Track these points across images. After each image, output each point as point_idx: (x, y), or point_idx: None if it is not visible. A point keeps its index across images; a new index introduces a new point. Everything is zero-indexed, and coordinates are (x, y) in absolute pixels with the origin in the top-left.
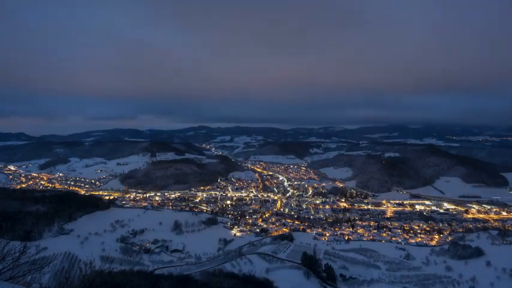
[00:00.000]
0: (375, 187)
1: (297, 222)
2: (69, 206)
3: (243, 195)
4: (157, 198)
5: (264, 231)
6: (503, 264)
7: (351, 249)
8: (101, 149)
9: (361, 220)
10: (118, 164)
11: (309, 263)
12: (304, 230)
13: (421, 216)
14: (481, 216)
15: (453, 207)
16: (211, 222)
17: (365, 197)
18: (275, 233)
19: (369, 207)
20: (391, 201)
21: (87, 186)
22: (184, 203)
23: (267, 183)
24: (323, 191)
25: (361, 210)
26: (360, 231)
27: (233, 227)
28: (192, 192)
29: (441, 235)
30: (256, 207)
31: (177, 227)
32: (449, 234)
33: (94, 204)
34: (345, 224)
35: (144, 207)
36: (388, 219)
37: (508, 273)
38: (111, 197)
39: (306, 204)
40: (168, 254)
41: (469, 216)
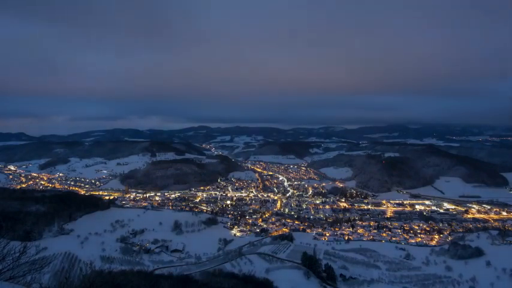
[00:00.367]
0: (375, 187)
1: (297, 222)
2: (69, 206)
3: (243, 195)
4: (157, 198)
5: (264, 231)
6: (503, 264)
7: (351, 249)
8: (101, 149)
9: (361, 220)
10: (118, 164)
11: (309, 263)
12: (304, 230)
13: (421, 216)
14: (481, 216)
15: (453, 207)
16: (211, 222)
17: (365, 197)
18: (275, 233)
19: (369, 207)
20: (391, 201)
21: (87, 186)
22: (184, 203)
23: (267, 183)
24: (323, 191)
25: (361, 210)
26: (360, 231)
27: (233, 227)
28: (192, 192)
29: (441, 235)
30: (256, 207)
31: (177, 227)
32: (449, 234)
33: (94, 204)
34: (345, 224)
35: (144, 207)
36: (388, 219)
37: (508, 273)
38: (111, 197)
39: (306, 204)
40: (168, 254)
41: (469, 216)
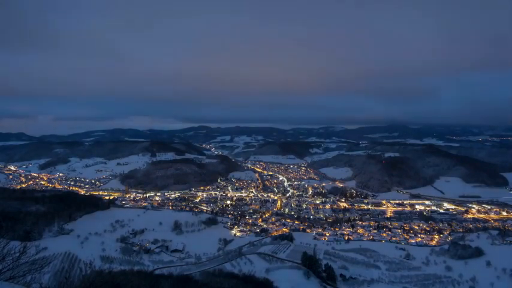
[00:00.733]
0: (375, 187)
1: (297, 222)
2: (69, 206)
3: (243, 195)
4: (157, 198)
5: (264, 231)
6: (503, 264)
7: (351, 249)
8: (101, 149)
9: (361, 220)
10: (118, 164)
11: (309, 263)
12: (304, 230)
13: (421, 216)
14: (481, 216)
15: (453, 207)
16: (211, 222)
17: (365, 197)
18: (275, 233)
19: (369, 207)
20: (391, 201)
21: (87, 186)
22: (184, 203)
23: (267, 183)
24: (323, 191)
25: (361, 210)
26: (360, 231)
27: (233, 227)
28: (192, 192)
29: (441, 235)
30: (256, 207)
31: (177, 227)
32: (449, 234)
33: (94, 204)
34: (345, 224)
35: (144, 207)
36: (388, 219)
37: (508, 273)
38: (111, 197)
39: (306, 204)
40: (168, 254)
41: (469, 216)
